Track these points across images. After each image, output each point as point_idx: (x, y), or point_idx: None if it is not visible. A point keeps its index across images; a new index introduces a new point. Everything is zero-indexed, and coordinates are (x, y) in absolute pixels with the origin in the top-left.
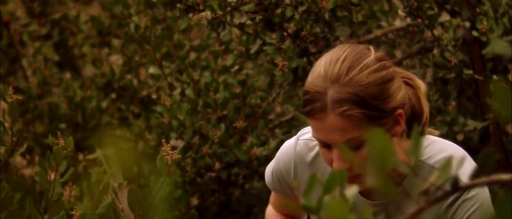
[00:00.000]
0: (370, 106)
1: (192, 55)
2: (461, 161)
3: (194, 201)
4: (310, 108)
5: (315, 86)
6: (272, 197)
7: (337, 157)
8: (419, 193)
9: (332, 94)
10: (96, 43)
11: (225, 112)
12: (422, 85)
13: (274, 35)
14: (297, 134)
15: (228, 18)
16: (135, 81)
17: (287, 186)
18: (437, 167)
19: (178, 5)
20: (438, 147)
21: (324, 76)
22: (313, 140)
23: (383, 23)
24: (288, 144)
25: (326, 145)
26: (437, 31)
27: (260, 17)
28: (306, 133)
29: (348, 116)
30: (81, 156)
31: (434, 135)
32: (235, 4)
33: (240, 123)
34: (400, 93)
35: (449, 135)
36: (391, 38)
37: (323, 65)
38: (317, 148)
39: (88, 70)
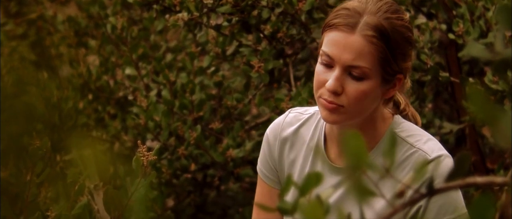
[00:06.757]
0: (390, 49)
1: (169, 56)
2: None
3: (170, 202)
4: (340, 21)
5: (356, 6)
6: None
7: (336, 78)
8: (394, 195)
9: (367, 18)
10: (72, 44)
11: (201, 114)
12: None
13: (250, 37)
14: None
15: (205, 19)
16: (111, 82)
17: (271, 158)
18: (406, 139)
19: (154, 6)
20: (410, 126)
21: (366, 2)
22: (303, 113)
23: None
24: (280, 116)
25: (328, 65)
26: (414, 34)
27: (237, 18)
28: (298, 108)
29: (370, 43)
30: (58, 157)
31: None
32: (212, 5)
33: (216, 125)
34: (410, 63)
35: None
36: None
37: None
38: (304, 119)
39: (65, 70)
